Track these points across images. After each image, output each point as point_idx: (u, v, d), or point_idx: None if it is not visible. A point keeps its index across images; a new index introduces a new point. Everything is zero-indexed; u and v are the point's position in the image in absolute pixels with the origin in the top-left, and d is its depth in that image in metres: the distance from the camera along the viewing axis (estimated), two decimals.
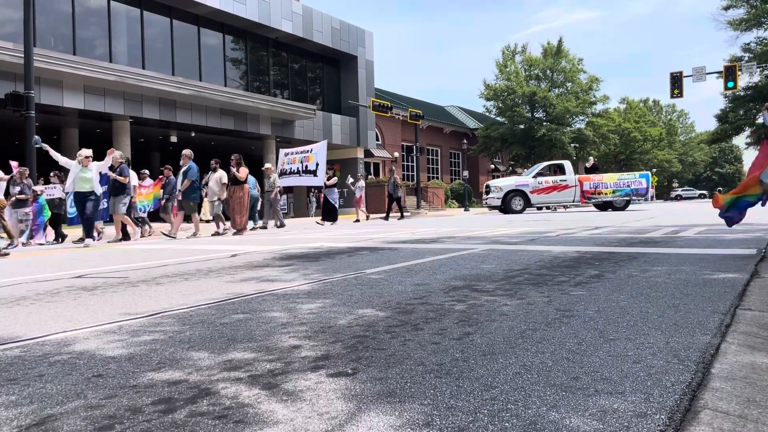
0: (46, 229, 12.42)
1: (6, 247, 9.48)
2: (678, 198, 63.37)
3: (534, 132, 41.46)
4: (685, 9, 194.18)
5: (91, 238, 10.54)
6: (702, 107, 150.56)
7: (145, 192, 13.57)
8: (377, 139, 36.98)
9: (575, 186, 21.37)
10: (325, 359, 2.14)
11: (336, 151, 30.30)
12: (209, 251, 7.80)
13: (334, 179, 17.27)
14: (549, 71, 43.78)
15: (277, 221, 15.63)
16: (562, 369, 1.92)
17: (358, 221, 19.08)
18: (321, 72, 30.81)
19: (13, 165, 11.93)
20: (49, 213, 12.32)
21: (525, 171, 27.94)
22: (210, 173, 13.32)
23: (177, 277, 4.87)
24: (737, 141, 57.49)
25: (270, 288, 4.03)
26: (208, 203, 13.96)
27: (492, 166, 51.61)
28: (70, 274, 5.50)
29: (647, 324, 2.53)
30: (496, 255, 5.79)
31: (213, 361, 2.17)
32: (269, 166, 16.49)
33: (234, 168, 13.14)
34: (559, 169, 22.02)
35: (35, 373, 2.09)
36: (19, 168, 11.79)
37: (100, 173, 10.73)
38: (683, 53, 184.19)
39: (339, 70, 31.54)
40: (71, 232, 12.76)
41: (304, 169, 16.23)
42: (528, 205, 21.71)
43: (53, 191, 12.49)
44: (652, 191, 24.66)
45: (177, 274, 5.15)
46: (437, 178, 45.09)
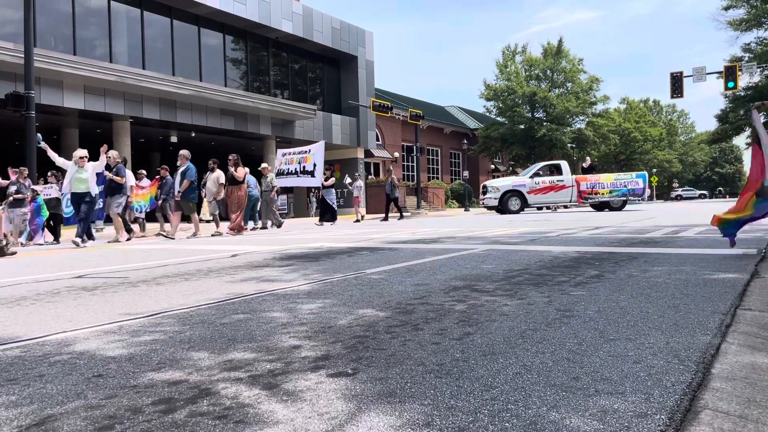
0: (44, 230, 12.41)
1: (6, 246, 9.47)
2: (678, 198, 63.43)
3: (534, 132, 41.48)
4: (685, 9, 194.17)
5: (92, 239, 10.54)
6: (702, 107, 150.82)
7: (142, 192, 13.58)
8: (377, 140, 36.96)
9: (572, 186, 21.34)
10: (326, 359, 2.14)
11: (336, 152, 30.31)
12: (209, 251, 7.80)
13: (331, 180, 17.26)
14: (549, 71, 43.81)
15: (274, 221, 15.64)
16: (562, 369, 1.92)
17: (358, 221, 19.10)
18: (321, 72, 30.81)
19: (12, 173, 11.90)
20: (47, 213, 12.31)
21: (523, 171, 27.95)
22: (208, 173, 13.32)
23: (177, 277, 4.87)
24: (737, 141, 57.51)
25: (270, 288, 4.03)
26: (207, 203, 13.96)
27: (492, 166, 51.61)
28: (70, 274, 5.50)
29: (647, 324, 2.53)
30: (496, 255, 5.79)
31: (213, 361, 2.17)
32: (266, 165, 16.49)
33: (231, 168, 13.13)
34: (556, 170, 21.99)
35: (35, 373, 2.09)
36: (19, 168, 11.79)
37: (96, 173, 10.73)
38: (683, 53, 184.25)
39: (339, 70, 31.54)
40: (66, 232, 12.72)
41: (301, 170, 16.22)
42: (525, 206, 21.69)
43: (50, 191, 12.48)
44: (649, 191, 24.63)
45: (177, 274, 5.15)
46: (437, 178, 45.09)
